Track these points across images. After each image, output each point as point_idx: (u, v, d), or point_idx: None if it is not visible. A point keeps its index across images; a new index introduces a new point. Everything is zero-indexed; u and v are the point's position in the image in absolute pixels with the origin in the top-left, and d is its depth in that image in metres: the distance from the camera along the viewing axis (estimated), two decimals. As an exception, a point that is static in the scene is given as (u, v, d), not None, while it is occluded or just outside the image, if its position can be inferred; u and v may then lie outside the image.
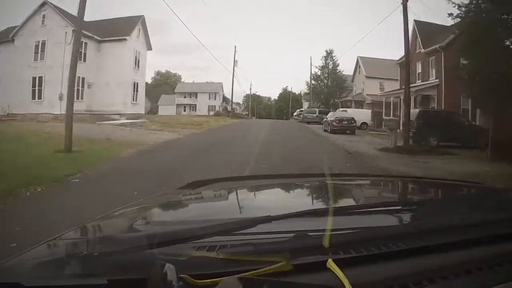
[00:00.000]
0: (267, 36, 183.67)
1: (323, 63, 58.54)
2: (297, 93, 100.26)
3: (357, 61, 47.54)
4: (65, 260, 0.84)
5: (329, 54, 57.83)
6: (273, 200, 1.74)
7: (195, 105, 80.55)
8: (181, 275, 0.73)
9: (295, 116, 62.88)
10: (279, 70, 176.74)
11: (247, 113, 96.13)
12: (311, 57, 52.20)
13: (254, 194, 1.84)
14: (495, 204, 1.52)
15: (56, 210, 5.17)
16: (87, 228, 1.21)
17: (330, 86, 56.28)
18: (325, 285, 0.76)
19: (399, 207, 1.30)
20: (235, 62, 53.29)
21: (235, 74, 56.44)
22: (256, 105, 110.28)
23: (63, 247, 0.90)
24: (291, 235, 0.93)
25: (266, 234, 0.97)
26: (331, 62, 57.62)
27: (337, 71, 57.23)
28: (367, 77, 43.87)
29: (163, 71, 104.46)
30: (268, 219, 0.97)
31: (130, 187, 6.06)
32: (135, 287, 0.75)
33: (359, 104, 42.49)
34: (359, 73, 47.00)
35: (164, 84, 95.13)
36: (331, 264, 0.81)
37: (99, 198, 5.75)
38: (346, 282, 0.75)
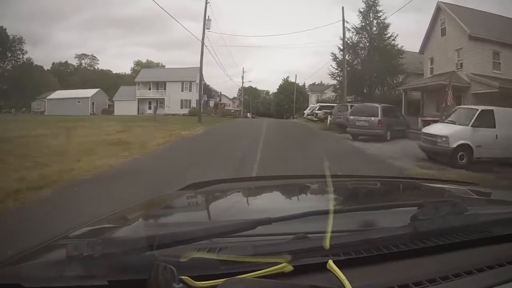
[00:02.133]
0: (265, 17, 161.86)
1: (361, 21, 31.44)
2: (299, 84, 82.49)
3: (438, 12, 24.59)
4: (65, 261, 0.83)
5: (371, 8, 31.11)
6: (273, 201, 1.75)
7: (163, 99, 57.60)
8: (181, 277, 0.73)
9: (308, 114, 39.75)
10: (280, 59, 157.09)
11: (240, 109, 74.12)
12: (343, 8, 30.14)
13: (255, 195, 1.85)
14: (494, 204, 1.61)
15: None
16: (87, 230, 1.20)
17: (377, 61, 29.48)
18: (326, 286, 0.76)
19: (399, 208, 1.31)
20: (205, 21, 30.54)
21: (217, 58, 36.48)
22: (251, 100, 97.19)
23: (63, 248, 0.87)
24: (292, 236, 0.93)
25: (266, 236, 0.98)
26: (375, 22, 31.00)
27: (387, 35, 30.54)
28: (472, 37, 21.00)
29: (144, 60, 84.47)
30: (268, 221, 0.96)
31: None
32: None
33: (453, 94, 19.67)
34: (443, 34, 24.09)
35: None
36: (331, 265, 0.81)
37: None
38: (346, 284, 0.76)
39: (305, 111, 44.60)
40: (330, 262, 0.82)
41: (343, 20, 29.03)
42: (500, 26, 21.23)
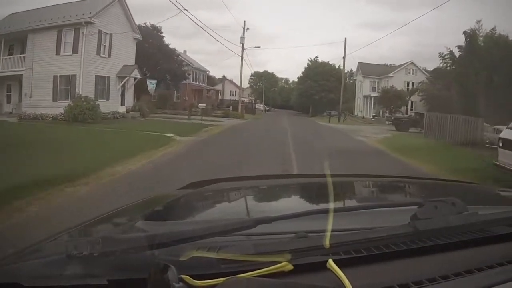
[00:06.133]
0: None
1: None
2: (334, 65, 57.89)
3: None
4: (65, 260, 0.83)
5: None
6: (273, 200, 1.76)
7: (22, 77, 22.79)
8: (181, 276, 0.73)
9: None
10: (300, 48, 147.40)
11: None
12: None
13: (255, 194, 1.85)
14: (494, 204, 1.55)
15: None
16: (87, 228, 1.20)
17: None
18: (326, 285, 0.77)
19: (399, 207, 1.32)
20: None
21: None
22: (265, 89, 76.67)
23: (63, 247, 0.87)
24: (292, 235, 0.93)
25: (266, 235, 0.98)
26: None
27: None
28: None
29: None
30: (268, 220, 0.97)
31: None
32: (135, 287, 0.76)
33: None
34: None
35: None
36: (331, 264, 0.81)
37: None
38: (346, 283, 0.76)
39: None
40: (330, 261, 0.82)
41: None
42: None
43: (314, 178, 2.15)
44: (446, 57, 25.54)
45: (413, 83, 41.33)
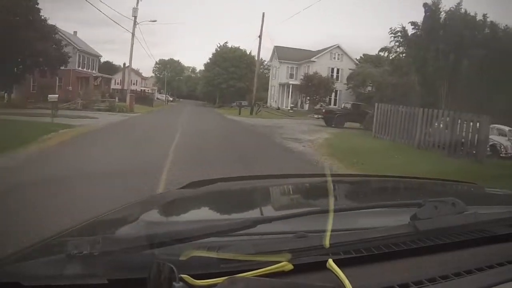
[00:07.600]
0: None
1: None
2: (245, 51, 53.67)
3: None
4: (65, 259, 0.83)
5: None
6: (273, 200, 1.76)
7: None
8: (181, 275, 0.73)
9: None
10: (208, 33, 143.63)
11: (145, 88, 45.26)
12: None
13: (255, 194, 1.83)
14: (494, 204, 1.58)
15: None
16: (87, 228, 1.20)
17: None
18: (326, 285, 0.76)
19: (399, 207, 1.30)
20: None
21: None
22: (170, 77, 72.59)
23: (63, 246, 0.87)
24: (291, 235, 0.93)
25: (266, 235, 0.98)
26: None
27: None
28: None
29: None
30: (268, 219, 0.97)
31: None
32: (135, 287, 0.76)
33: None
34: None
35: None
36: (331, 264, 0.81)
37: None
38: (346, 282, 0.75)
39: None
40: (330, 261, 0.81)
41: None
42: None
43: (313, 178, 2.14)
44: (398, 34, 20.06)
45: (338, 70, 37.52)
